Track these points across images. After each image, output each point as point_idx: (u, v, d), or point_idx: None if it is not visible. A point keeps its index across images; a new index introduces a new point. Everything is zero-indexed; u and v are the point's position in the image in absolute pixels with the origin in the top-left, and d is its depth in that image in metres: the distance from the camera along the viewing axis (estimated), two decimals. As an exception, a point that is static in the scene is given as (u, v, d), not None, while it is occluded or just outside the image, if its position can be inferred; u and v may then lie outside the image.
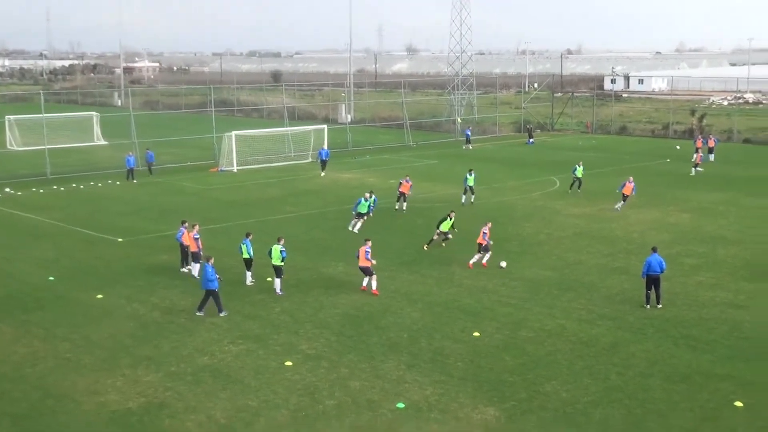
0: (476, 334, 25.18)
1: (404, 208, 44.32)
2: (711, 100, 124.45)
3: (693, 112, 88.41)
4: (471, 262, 32.90)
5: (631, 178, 45.02)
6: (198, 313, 26.96)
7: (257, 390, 21.20)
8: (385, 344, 24.38)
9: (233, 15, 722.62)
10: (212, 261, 27.26)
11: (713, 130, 79.62)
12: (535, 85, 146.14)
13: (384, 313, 27.27)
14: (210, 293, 26.94)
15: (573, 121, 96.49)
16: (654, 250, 28.10)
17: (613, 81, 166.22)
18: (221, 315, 26.84)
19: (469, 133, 77.29)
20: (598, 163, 62.58)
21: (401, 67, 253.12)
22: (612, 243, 36.87)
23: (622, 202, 43.89)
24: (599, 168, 59.84)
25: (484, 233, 33.00)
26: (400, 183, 44.97)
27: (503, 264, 32.75)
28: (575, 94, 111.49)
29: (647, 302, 27.62)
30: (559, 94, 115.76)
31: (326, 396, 20.81)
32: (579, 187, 49.54)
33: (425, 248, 35.96)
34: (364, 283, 29.67)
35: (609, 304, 28.13)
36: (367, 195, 40.54)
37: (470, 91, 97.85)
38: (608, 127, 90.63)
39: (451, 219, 36.25)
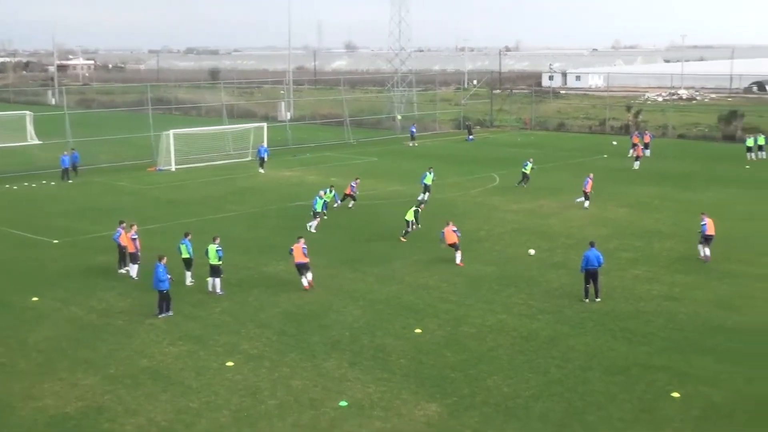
0: (418, 330, 25.31)
1: (351, 205, 44.23)
2: (646, 97, 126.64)
3: (629, 108, 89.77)
4: (458, 261, 33.04)
5: (592, 175, 45.67)
6: (161, 315, 26.70)
7: (198, 391, 21.04)
8: (327, 343, 24.38)
9: (169, 12, 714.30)
10: (165, 261, 27.03)
11: (648, 126, 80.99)
12: (474, 82, 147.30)
13: (326, 311, 27.26)
14: (160, 294, 26.69)
15: (512, 117, 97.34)
16: (592, 244, 28.54)
17: (550, 78, 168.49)
18: (160, 317, 26.57)
19: (414, 130, 77.59)
20: (536, 159, 63.02)
21: (341, 64, 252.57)
22: (551, 238, 37.34)
23: (587, 200, 44.34)
24: (537, 164, 60.40)
25: (454, 231, 33.22)
26: (351, 186, 44.83)
27: (532, 251, 33.72)
28: (514, 90, 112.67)
29: (586, 296, 28.05)
30: (498, 91, 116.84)
31: (268, 396, 20.74)
32: (524, 183, 50.17)
33: (402, 240, 36.78)
34: (305, 282, 29.64)
35: (548, 298, 28.50)
36: (322, 193, 40.37)
37: (410, 88, 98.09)
38: (546, 123, 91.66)
39: (417, 209, 37.71)
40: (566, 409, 19.89)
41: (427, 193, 46.01)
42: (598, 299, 27.96)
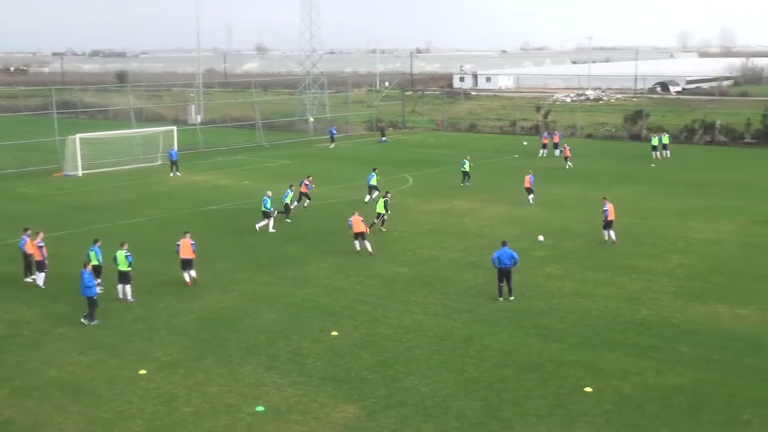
0: (334, 333, 25.30)
1: (305, 205, 44.24)
2: (555, 97, 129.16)
3: (538, 109, 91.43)
4: (368, 248, 34.64)
5: (530, 171, 46.93)
6: (84, 321, 26.29)
7: (110, 401, 20.61)
8: (242, 347, 24.17)
9: (74, 13, 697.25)
10: (90, 267, 26.78)
11: (558, 126, 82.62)
12: (386, 83, 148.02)
13: (241, 316, 27.02)
14: (89, 300, 26.30)
15: (424, 118, 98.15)
16: (504, 243, 28.94)
17: (461, 79, 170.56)
18: (86, 322, 26.22)
19: (334, 132, 77.69)
20: (449, 159, 63.85)
21: (252, 66, 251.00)
22: (465, 238, 37.75)
23: (531, 195, 45.78)
24: (450, 165, 61.11)
25: (362, 220, 35.00)
26: (301, 183, 44.86)
27: (541, 238, 34.71)
28: (425, 92, 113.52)
29: (500, 295, 28.45)
30: (410, 93, 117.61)
31: (183, 403, 20.44)
32: (468, 181, 51.01)
33: (382, 229, 38.41)
34: (188, 278, 30.13)
35: (464, 297, 28.81)
36: (269, 193, 40.28)
37: (322, 90, 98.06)
38: (458, 124, 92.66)
39: (385, 198, 39.10)
40: (483, 407, 20.14)
41: (376, 192, 45.83)
42: (512, 297, 28.38)
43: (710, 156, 66.72)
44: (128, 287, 28.59)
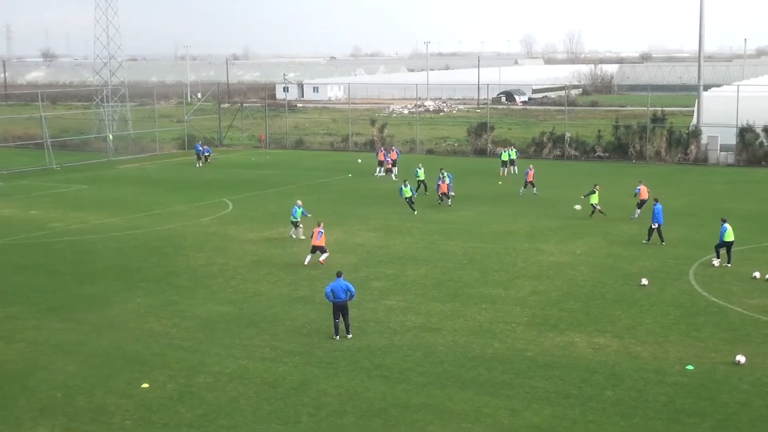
0: (145, 385, 24.76)
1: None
2: (391, 109, 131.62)
3: (373, 123, 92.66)
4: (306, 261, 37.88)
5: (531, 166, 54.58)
6: None
7: None
8: (34, 408, 23.29)
9: None
10: None
11: (395, 142, 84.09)
12: (199, 95, 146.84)
13: (31, 369, 26.05)
14: None
15: (244, 135, 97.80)
16: (339, 275, 29.10)
17: (285, 89, 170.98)
18: None
19: (203, 148, 76.56)
20: (274, 181, 63.86)
21: (37, 75, 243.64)
22: (294, 270, 37.75)
23: (529, 187, 56.33)
24: (276, 187, 61.12)
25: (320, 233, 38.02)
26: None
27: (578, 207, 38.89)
28: (245, 104, 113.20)
29: (336, 333, 28.59)
30: (227, 105, 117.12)
31: (-38, 478, 19.47)
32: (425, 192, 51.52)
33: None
34: None
35: (295, 337, 28.79)
36: (299, 202, 43.81)
37: (122, 103, 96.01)
38: (283, 140, 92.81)
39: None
40: (320, 462, 20.16)
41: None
42: (350, 335, 28.58)
43: (561, 171, 69.52)
44: None
